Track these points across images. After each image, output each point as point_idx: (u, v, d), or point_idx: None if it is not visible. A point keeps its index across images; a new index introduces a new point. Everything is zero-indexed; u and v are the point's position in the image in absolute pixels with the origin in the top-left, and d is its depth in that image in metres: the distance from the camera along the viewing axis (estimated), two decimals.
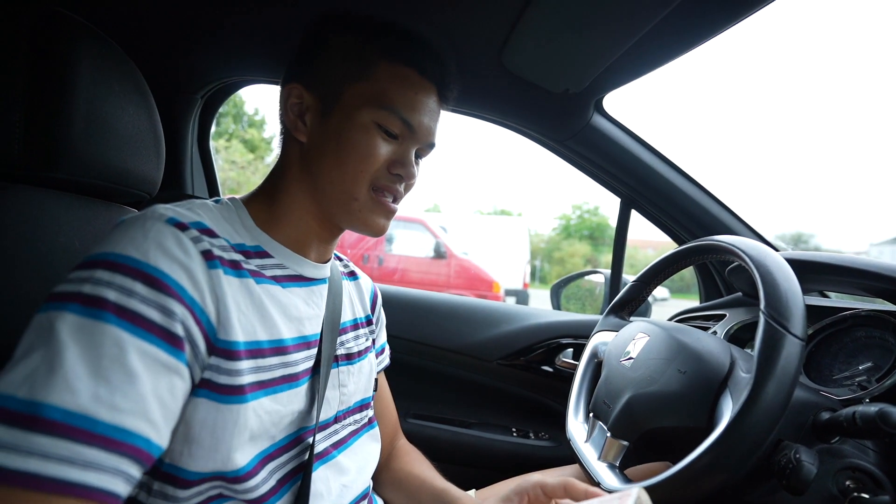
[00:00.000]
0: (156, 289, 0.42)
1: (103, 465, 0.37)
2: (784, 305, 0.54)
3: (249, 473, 0.50)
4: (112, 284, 0.40)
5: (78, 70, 0.57)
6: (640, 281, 0.90)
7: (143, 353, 0.40)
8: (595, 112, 1.06)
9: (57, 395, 0.36)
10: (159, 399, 0.41)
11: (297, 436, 0.57)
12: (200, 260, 0.46)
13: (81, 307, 0.39)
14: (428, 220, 7.02)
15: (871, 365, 0.71)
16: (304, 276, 0.60)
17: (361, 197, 0.57)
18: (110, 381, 0.38)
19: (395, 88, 0.57)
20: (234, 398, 0.47)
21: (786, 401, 0.50)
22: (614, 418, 0.68)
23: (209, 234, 0.49)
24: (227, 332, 0.47)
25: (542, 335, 1.23)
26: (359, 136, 0.56)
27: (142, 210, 0.49)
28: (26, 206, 0.56)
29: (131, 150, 0.65)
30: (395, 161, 0.58)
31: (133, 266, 0.42)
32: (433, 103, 0.61)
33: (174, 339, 0.42)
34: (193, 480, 0.48)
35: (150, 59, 1.02)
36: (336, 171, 0.57)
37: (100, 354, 0.38)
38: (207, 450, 0.47)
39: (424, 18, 0.84)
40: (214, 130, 1.38)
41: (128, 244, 0.43)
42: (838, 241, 53.63)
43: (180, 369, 0.43)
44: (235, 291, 0.49)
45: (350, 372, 0.67)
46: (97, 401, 0.37)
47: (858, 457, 0.57)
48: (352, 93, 0.57)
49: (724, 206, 1.14)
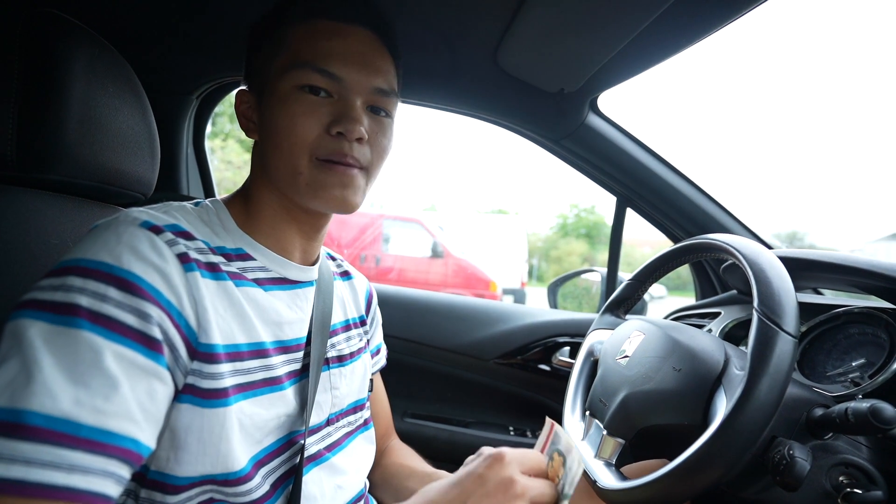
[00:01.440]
0: (130, 293, 0.41)
1: (90, 467, 0.36)
2: (777, 303, 0.54)
3: (244, 477, 0.49)
4: (85, 290, 0.40)
5: (71, 71, 0.57)
6: (636, 279, 0.90)
7: (119, 356, 0.39)
8: (590, 111, 1.07)
9: (37, 401, 0.35)
10: (139, 402, 0.40)
11: (289, 439, 0.56)
12: (176, 263, 0.45)
13: (53, 315, 0.39)
14: (425, 220, 7.03)
15: (863, 361, 0.71)
16: (287, 279, 0.59)
17: (304, 168, 0.53)
18: (89, 386, 0.37)
19: (305, 44, 0.53)
20: (216, 402, 0.47)
21: (779, 397, 0.51)
22: (610, 416, 0.68)
23: (185, 237, 0.48)
24: (208, 336, 0.47)
25: (539, 334, 1.24)
26: (283, 108, 0.53)
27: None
28: (20, 208, 0.56)
29: (126, 151, 0.65)
30: (333, 120, 0.53)
31: (105, 271, 0.41)
32: (360, 45, 0.55)
33: (151, 342, 0.42)
34: (182, 486, 0.47)
35: (145, 59, 1.02)
36: (276, 151, 0.54)
37: (76, 360, 0.38)
38: (195, 454, 0.47)
39: (419, 19, 0.84)
40: (210, 130, 1.38)
41: (100, 249, 0.42)
42: (833, 238, 54.02)
43: (160, 372, 0.42)
44: (213, 294, 0.48)
45: (342, 374, 0.66)
46: (79, 405, 0.37)
47: (851, 452, 0.57)
48: (274, 71, 0.54)
49: (718, 204, 1.15)
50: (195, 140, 1.31)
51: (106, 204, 0.70)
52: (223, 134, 13.84)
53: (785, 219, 62.34)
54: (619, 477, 0.63)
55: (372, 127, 0.56)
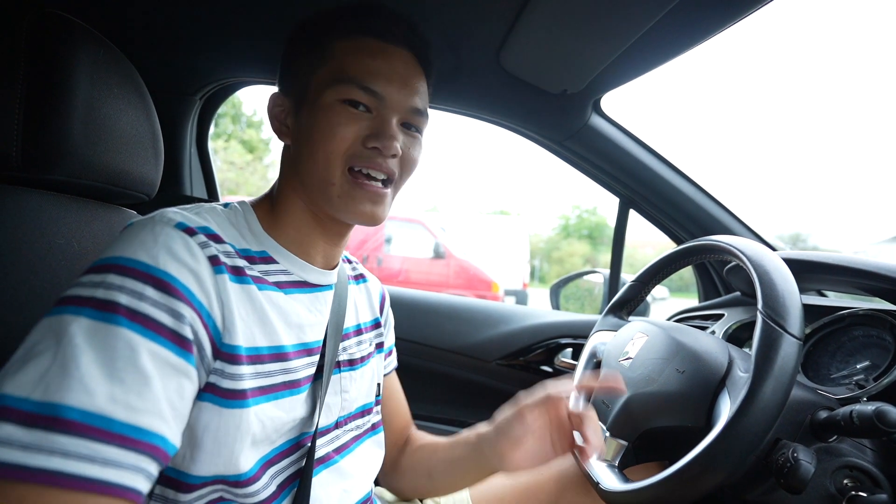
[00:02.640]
0: (165, 292, 0.43)
1: (123, 462, 0.37)
2: (781, 305, 0.54)
3: (252, 478, 0.50)
4: (123, 288, 0.41)
5: (76, 72, 0.57)
6: (639, 281, 0.90)
7: (153, 354, 0.41)
8: (593, 112, 1.06)
9: (74, 397, 0.36)
10: (169, 400, 0.42)
11: (298, 441, 0.57)
12: (207, 265, 0.47)
13: (95, 311, 0.40)
14: (427, 221, 7.03)
15: (868, 364, 0.71)
16: (308, 283, 0.60)
17: (337, 180, 0.55)
18: (125, 382, 0.39)
19: (351, 60, 0.55)
20: (236, 402, 0.48)
21: (783, 400, 0.50)
22: (613, 418, 0.68)
23: (215, 240, 0.50)
24: (231, 337, 0.48)
25: (541, 335, 1.23)
26: (323, 118, 0.55)
27: (149, 213, 0.50)
28: (25, 208, 0.56)
29: (130, 152, 0.65)
30: (370, 135, 0.55)
31: (143, 270, 0.42)
32: (402, 66, 0.57)
33: (183, 341, 0.43)
34: (195, 484, 0.48)
35: (149, 60, 1.02)
36: (310, 159, 0.56)
37: (114, 357, 0.39)
38: (210, 454, 0.47)
39: (422, 19, 0.84)
40: (213, 131, 1.38)
41: (138, 248, 0.44)
42: (836, 240, 53.84)
43: (189, 371, 0.44)
44: (238, 297, 0.50)
45: (352, 378, 0.66)
46: (113, 401, 0.38)
47: (856, 455, 0.57)
48: (316, 81, 0.56)
49: (722, 205, 1.15)
50: (198, 141, 1.32)
51: (110, 204, 0.70)
52: (226, 135, 13.87)
53: (788, 220, 62.18)
54: (621, 479, 0.63)
55: (405, 142, 0.58)
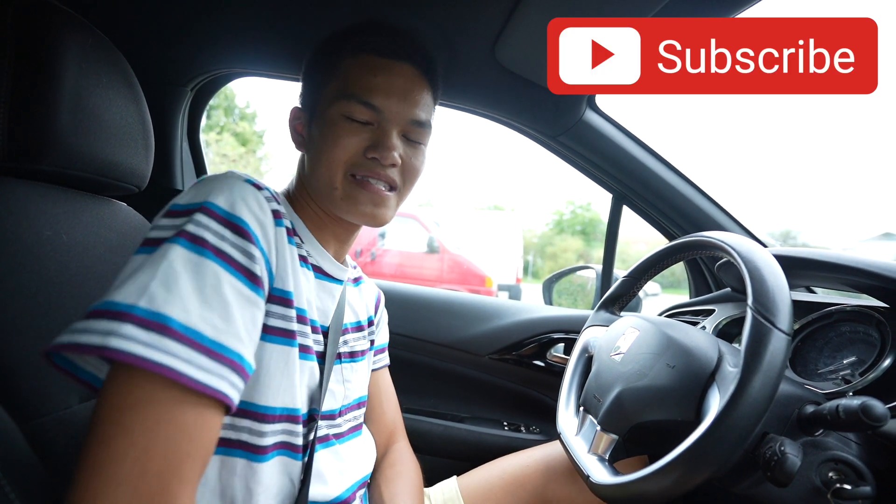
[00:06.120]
0: (240, 235, 0.48)
1: (214, 370, 0.42)
2: (771, 301, 0.55)
3: (305, 421, 0.57)
4: (209, 228, 0.46)
5: (64, 60, 0.56)
6: (631, 276, 0.90)
7: (232, 286, 0.46)
8: (588, 108, 1.06)
9: (176, 311, 0.41)
10: (245, 325, 0.46)
11: (310, 414, 0.60)
12: (271, 217, 0.52)
13: (189, 243, 0.45)
14: (421, 215, 7.01)
15: (854, 359, 0.72)
16: (323, 270, 0.65)
17: (339, 185, 0.61)
18: (212, 306, 0.44)
19: (354, 77, 0.61)
20: (285, 340, 0.55)
21: (771, 394, 0.51)
22: (604, 412, 0.69)
23: (275, 201, 0.55)
24: (282, 282, 0.54)
25: (534, 330, 1.24)
26: (329, 130, 0.60)
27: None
28: (12, 199, 0.56)
29: (119, 143, 0.65)
30: (370, 146, 0.60)
31: (222, 215, 0.48)
32: (402, 80, 0.62)
33: (255, 277, 0.49)
34: (271, 415, 0.54)
35: (139, 49, 1.00)
36: (317, 166, 0.62)
37: (203, 284, 0.44)
38: (272, 388, 0.54)
39: (418, 13, 0.84)
40: (205, 123, 1.37)
41: (219, 195, 0.49)
42: (825, 237, 54.43)
43: (259, 303, 0.49)
44: (288, 252, 0.56)
45: (354, 369, 0.70)
46: (203, 320, 0.43)
47: (841, 449, 0.58)
48: (324, 97, 0.62)
49: (714, 202, 1.15)
50: (190, 133, 1.30)
51: (99, 196, 0.69)
52: (218, 127, 13.70)
53: (779, 217, 62.76)
54: (612, 472, 0.64)
55: (406, 152, 0.63)
